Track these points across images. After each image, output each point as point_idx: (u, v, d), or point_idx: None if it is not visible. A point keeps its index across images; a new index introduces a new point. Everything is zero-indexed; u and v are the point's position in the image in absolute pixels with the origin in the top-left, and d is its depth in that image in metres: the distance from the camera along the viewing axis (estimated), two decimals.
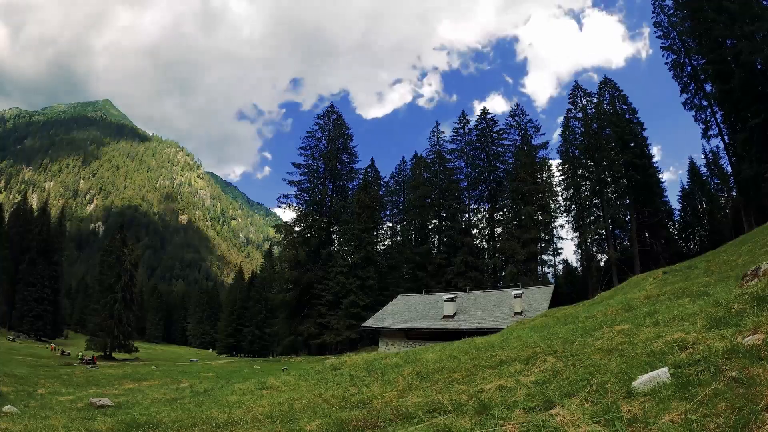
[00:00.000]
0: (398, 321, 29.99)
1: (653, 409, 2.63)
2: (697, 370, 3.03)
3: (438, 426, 3.46)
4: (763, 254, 12.21)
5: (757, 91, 30.03)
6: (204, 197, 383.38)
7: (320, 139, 57.05)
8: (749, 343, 3.09)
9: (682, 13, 37.89)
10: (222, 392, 10.87)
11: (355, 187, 57.03)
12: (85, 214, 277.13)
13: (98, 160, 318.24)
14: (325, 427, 4.28)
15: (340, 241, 55.20)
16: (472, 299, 30.17)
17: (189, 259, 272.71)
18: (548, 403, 3.37)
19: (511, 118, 55.64)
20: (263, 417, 5.56)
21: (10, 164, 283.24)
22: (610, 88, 49.09)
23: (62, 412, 9.32)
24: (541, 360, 5.15)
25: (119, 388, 17.81)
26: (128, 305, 56.50)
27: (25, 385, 17.90)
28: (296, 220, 54.78)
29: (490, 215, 54.56)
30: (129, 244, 59.99)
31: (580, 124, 49.50)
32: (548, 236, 48.85)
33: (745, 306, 4.08)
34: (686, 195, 52.12)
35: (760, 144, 29.93)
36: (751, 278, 5.59)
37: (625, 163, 44.60)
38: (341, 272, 47.50)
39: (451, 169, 57.53)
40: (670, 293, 8.94)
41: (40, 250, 68.55)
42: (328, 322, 45.40)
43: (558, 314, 14.18)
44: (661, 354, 3.73)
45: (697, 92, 37.61)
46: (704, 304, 5.28)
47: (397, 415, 4.19)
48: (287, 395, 7.64)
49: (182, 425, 5.93)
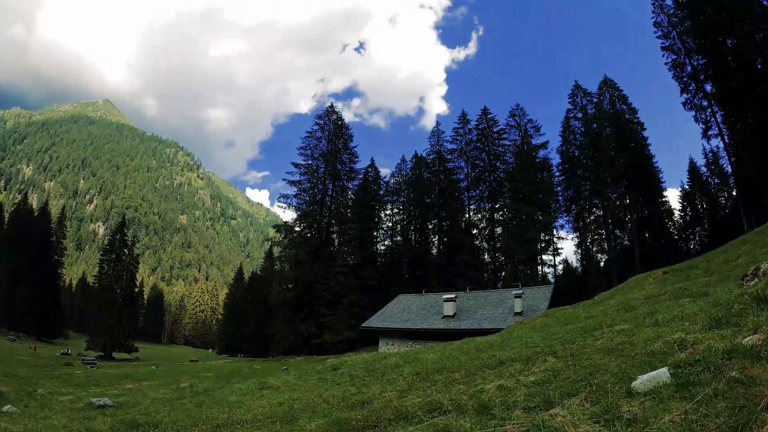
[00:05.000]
0: (398, 321, 29.99)
1: (653, 409, 2.63)
2: (697, 370, 3.03)
3: (438, 426, 3.46)
4: (763, 254, 12.21)
5: (757, 91, 29.98)
6: (204, 197, 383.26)
7: (320, 139, 57.05)
8: (749, 343, 3.09)
9: (682, 13, 37.85)
10: (222, 392, 10.87)
11: (355, 187, 57.02)
12: (85, 214, 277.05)
13: (98, 160, 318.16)
14: (325, 427, 4.28)
15: (340, 241, 55.18)
16: (472, 299, 30.17)
17: (189, 259, 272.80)
18: (548, 403, 3.37)
19: (511, 118, 55.65)
20: (263, 417, 5.55)
21: (10, 164, 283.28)
22: (610, 87, 49.11)
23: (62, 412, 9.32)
24: (541, 360, 5.15)
25: (119, 388, 17.80)
26: (128, 305, 56.63)
27: (25, 385, 17.87)
28: (296, 220, 54.78)
29: (490, 215, 54.56)
30: (129, 244, 60.12)
31: (580, 124, 49.52)
32: (548, 236, 48.80)
33: (745, 306, 4.08)
34: (686, 195, 52.12)
35: (760, 144, 29.89)
36: (751, 278, 5.58)
37: (625, 164, 44.60)
38: (341, 272, 47.49)
39: (451, 169, 57.53)
40: (670, 293, 8.95)
41: (40, 250, 68.56)
42: (328, 322, 45.37)
43: (558, 314, 14.18)
44: (661, 354, 3.73)
45: (697, 92, 37.55)
46: (704, 304, 5.28)
47: (398, 415, 4.19)
48: (287, 395, 7.64)
49: (182, 425, 5.93)
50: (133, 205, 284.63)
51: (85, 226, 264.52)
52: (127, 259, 57.83)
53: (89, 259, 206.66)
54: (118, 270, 56.22)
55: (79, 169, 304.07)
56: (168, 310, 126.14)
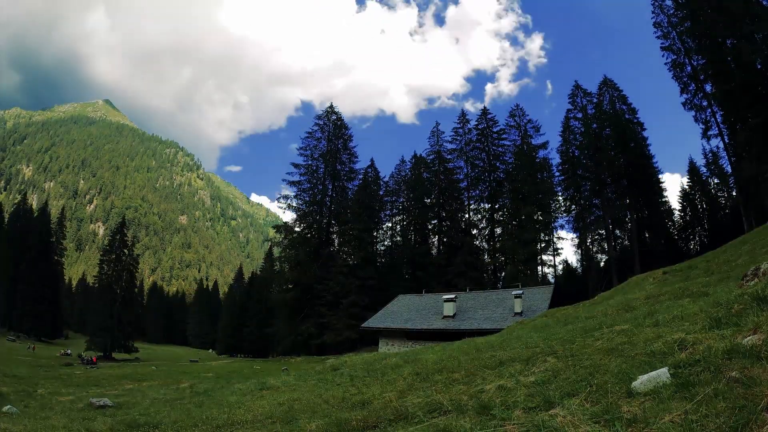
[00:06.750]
0: (398, 321, 30.01)
1: (653, 409, 2.63)
2: (697, 370, 3.03)
3: (438, 426, 3.46)
4: (763, 254, 12.21)
5: (757, 91, 29.97)
6: (204, 197, 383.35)
7: (320, 139, 57.03)
8: (749, 343, 3.09)
9: (682, 13, 37.84)
10: (222, 392, 10.88)
11: (355, 187, 56.98)
12: (85, 214, 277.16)
13: (98, 160, 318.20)
14: (325, 427, 4.28)
15: (340, 241, 55.16)
16: (472, 299, 30.19)
17: (189, 259, 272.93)
18: (548, 404, 3.37)
19: (511, 118, 55.65)
20: (263, 417, 5.55)
21: (10, 164, 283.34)
22: (610, 88, 49.12)
23: (62, 413, 9.34)
24: (541, 360, 5.15)
25: (119, 389, 17.80)
26: (128, 305, 56.59)
27: (25, 385, 17.87)
28: (296, 220, 54.77)
29: (490, 215, 54.53)
30: (129, 244, 60.09)
31: (580, 124, 49.51)
32: (548, 236, 48.80)
33: (745, 306, 4.08)
34: (686, 195, 52.11)
35: (760, 144, 29.86)
36: (751, 278, 5.59)
37: (625, 164, 44.59)
38: (341, 272, 47.47)
39: (451, 169, 57.48)
40: (670, 293, 8.95)
41: (40, 250, 68.49)
42: (328, 322, 45.36)
43: (558, 314, 14.18)
44: (661, 354, 3.73)
45: (697, 92, 37.56)
46: (704, 304, 5.28)
47: (398, 415, 4.19)
48: (287, 395, 7.64)
49: (182, 425, 5.93)
50: (133, 206, 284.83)
51: (85, 227, 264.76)
52: (126, 259, 57.80)
53: (89, 259, 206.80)
54: (118, 270, 56.19)
55: (79, 169, 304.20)
56: (168, 311, 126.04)
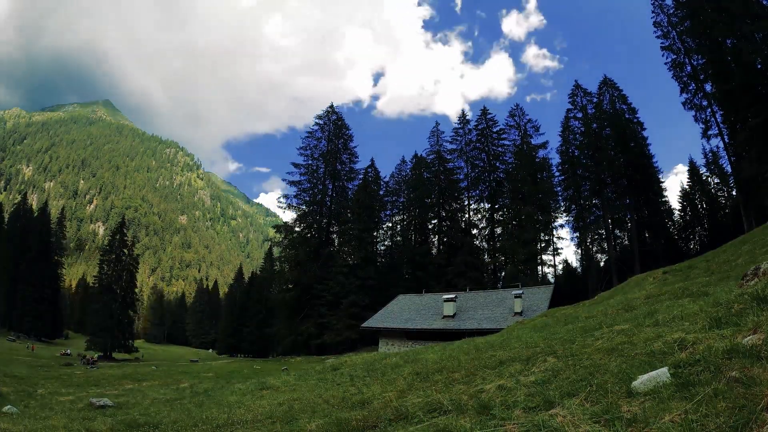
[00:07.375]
0: (398, 321, 30.00)
1: (653, 409, 2.63)
2: (697, 370, 3.02)
3: (438, 426, 3.46)
4: (763, 254, 12.21)
5: (757, 91, 29.97)
6: (204, 197, 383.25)
7: (320, 139, 57.05)
8: (749, 343, 3.09)
9: (682, 13, 37.83)
10: (222, 392, 10.88)
11: (355, 187, 56.97)
12: (85, 214, 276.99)
13: (98, 160, 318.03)
14: (325, 427, 4.28)
15: (340, 241, 55.17)
16: (472, 299, 30.18)
17: (189, 259, 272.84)
18: (548, 403, 3.37)
19: (511, 118, 55.67)
20: (263, 417, 5.56)
21: (10, 164, 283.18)
22: (610, 87, 49.10)
23: (62, 413, 9.34)
24: (541, 360, 5.15)
25: (119, 389, 17.80)
26: (128, 305, 56.65)
27: (25, 385, 17.88)
28: (296, 220, 54.77)
29: (490, 215, 54.55)
30: (129, 245, 60.09)
31: (580, 124, 49.50)
32: (548, 236, 48.82)
33: (745, 306, 4.08)
34: (686, 195, 52.11)
35: (760, 144, 29.87)
36: (751, 278, 5.58)
37: (625, 163, 44.56)
38: (341, 272, 47.47)
39: (451, 169, 57.52)
40: (670, 293, 8.94)
41: (40, 250, 68.51)
42: (328, 322, 45.36)
43: (558, 314, 14.18)
44: (661, 354, 3.72)
45: (697, 92, 37.56)
46: (704, 304, 5.27)
47: (397, 415, 4.19)
48: (287, 395, 7.64)
49: (182, 425, 5.94)
50: (133, 206, 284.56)
51: (85, 227, 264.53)
52: (126, 259, 57.83)
53: (89, 259, 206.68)
54: (117, 270, 56.22)
55: (79, 169, 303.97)
56: (168, 311, 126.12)
